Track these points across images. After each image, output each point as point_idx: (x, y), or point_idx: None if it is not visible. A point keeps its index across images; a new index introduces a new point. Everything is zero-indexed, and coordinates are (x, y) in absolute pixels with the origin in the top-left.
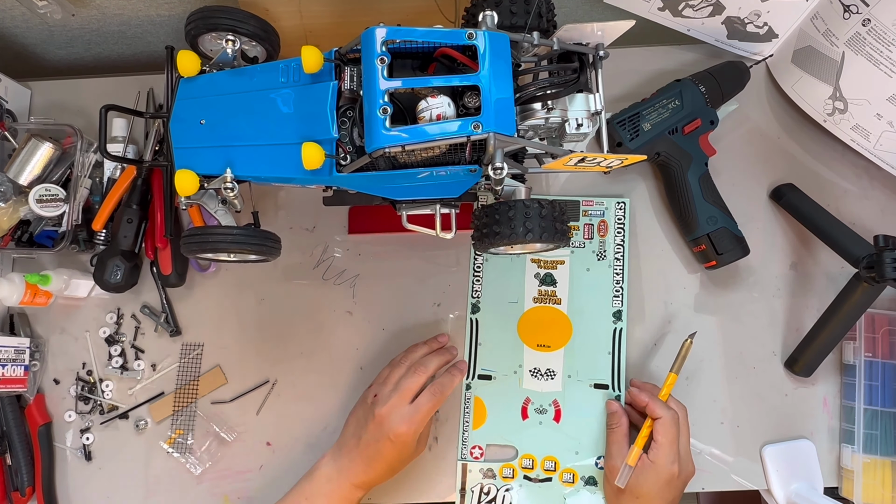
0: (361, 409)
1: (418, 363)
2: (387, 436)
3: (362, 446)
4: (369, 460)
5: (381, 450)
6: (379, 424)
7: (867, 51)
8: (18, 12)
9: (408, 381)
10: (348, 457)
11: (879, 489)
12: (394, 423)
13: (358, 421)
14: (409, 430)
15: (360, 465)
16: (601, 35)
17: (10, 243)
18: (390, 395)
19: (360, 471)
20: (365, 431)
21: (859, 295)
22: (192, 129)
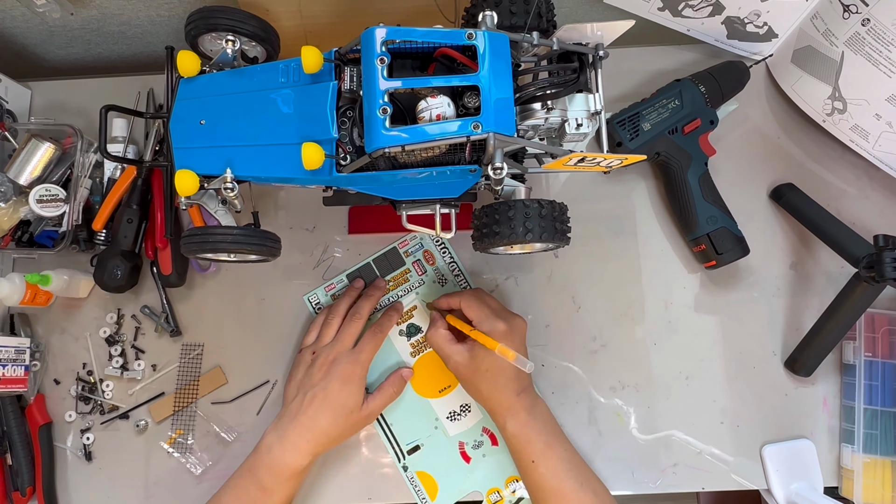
0: (301, 369)
1: (352, 311)
2: (334, 377)
3: (307, 401)
4: (314, 413)
5: (329, 395)
6: (327, 370)
7: (867, 51)
8: (18, 12)
9: (347, 329)
10: (290, 420)
11: (879, 489)
12: (340, 365)
13: (300, 382)
14: (355, 370)
15: (303, 422)
16: (601, 35)
17: (10, 243)
18: (332, 345)
19: (302, 431)
20: (310, 384)
21: (859, 295)
22: (192, 130)
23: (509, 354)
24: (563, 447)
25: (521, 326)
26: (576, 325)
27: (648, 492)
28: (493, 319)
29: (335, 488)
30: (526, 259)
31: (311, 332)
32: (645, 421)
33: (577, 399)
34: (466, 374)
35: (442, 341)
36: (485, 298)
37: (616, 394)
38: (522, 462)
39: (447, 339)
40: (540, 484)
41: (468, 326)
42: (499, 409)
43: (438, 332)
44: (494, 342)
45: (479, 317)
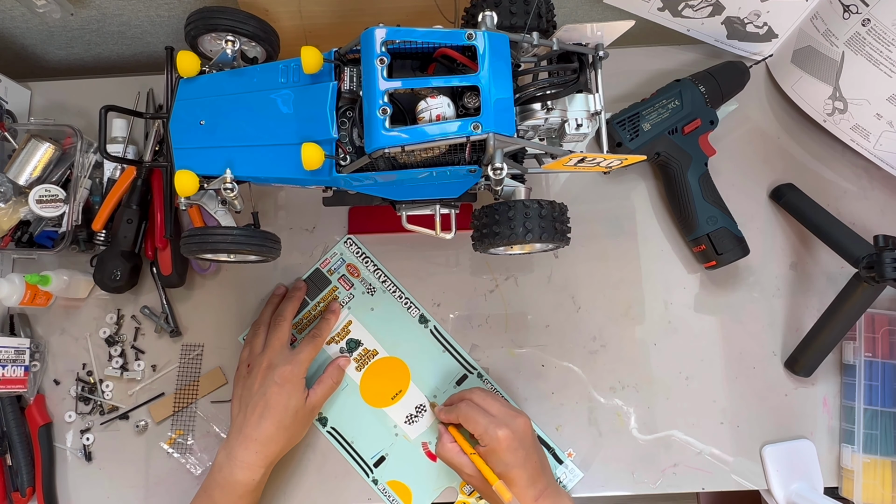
0: (240, 384)
1: (275, 316)
2: (273, 381)
3: (249, 411)
4: (258, 422)
5: (269, 400)
6: (262, 379)
7: (867, 51)
8: (18, 12)
9: (275, 333)
10: (236, 436)
11: (879, 489)
12: (275, 368)
13: (240, 397)
14: (293, 370)
15: (249, 436)
16: (601, 35)
17: (10, 244)
18: (264, 353)
19: (250, 443)
20: (249, 395)
21: (859, 295)
22: (192, 130)
23: (506, 496)
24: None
25: (524, 427)
26: (576, 325)
27: (648, 492)
28: (495, 428)
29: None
30: (526, 259)
31: (244, 348)
32: (645, 421)
33: (577, 399)
34: (481, 487)
35: (450, 455)
36: (484, 403)
37: (616, 394)
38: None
39: (455, 452)
40: None
41: (469, 447)
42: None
43: (445, 447)
44: (494, 477)
45: (479, 430)
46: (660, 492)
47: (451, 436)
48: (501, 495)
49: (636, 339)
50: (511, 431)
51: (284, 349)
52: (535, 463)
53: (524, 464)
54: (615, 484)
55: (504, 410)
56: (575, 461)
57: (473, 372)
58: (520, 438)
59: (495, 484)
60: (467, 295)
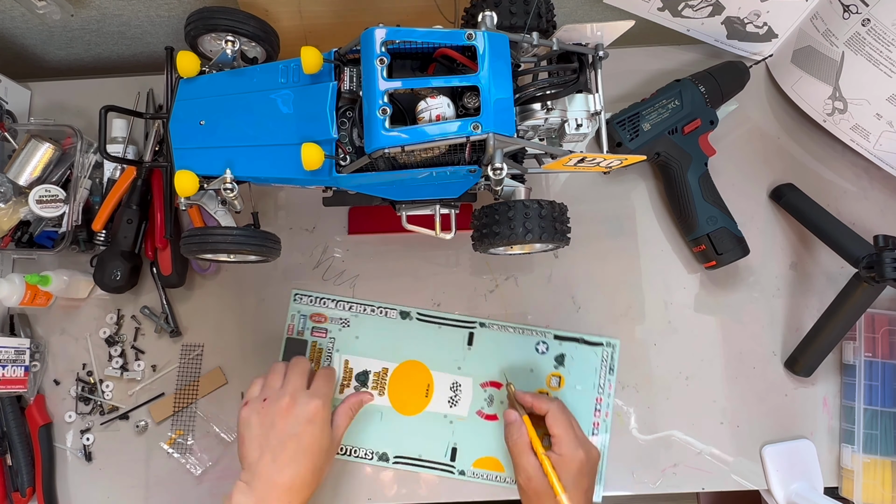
0: (255, 422)
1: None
2: (303, 419)
3: (278, 453)
4: (292, 465)
5: (302, 440)
6: (287, 413)
7: (867, 51)
8: (18, 13)
9: (294, 370)
10: (266, 483)
11: (879, 489)
12: (302, 405)
13: (258, 437)
14: (322, 405)
15: (283, 482)
16: (600, 35)
17: (10, 244)
18: (285, 387)
19: (283, 492)
20: (274, 435)
21: (859, 295)
22: (192, 130)
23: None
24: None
25: (597, 459)
26: (576, 325)
27: (648, 492)
28: (576, 446)
29: (333, 489)
30: (526, 259)
31: (253, 386)
32: (645, 421)
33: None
34: (535, 492)
35: (521, 449)
36: (571, 419)
37: (616, 394)
38: None
39: (527, 450)
40: None
41: (542, 450)
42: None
43: (522, 439)
44: (561, 489)
45: (562, 437)
46: (660, 492)
47: (526, 427)
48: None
49: (636, 339)
50: (587, 456)
51: (306, 383)
52: (589, 498)
53: (585, 493)
54: (615, 484)
55: (583, 434)
56: None
57: (475, 325)
58: (591, 467)
59: (560, 496)
60: (467, 295)
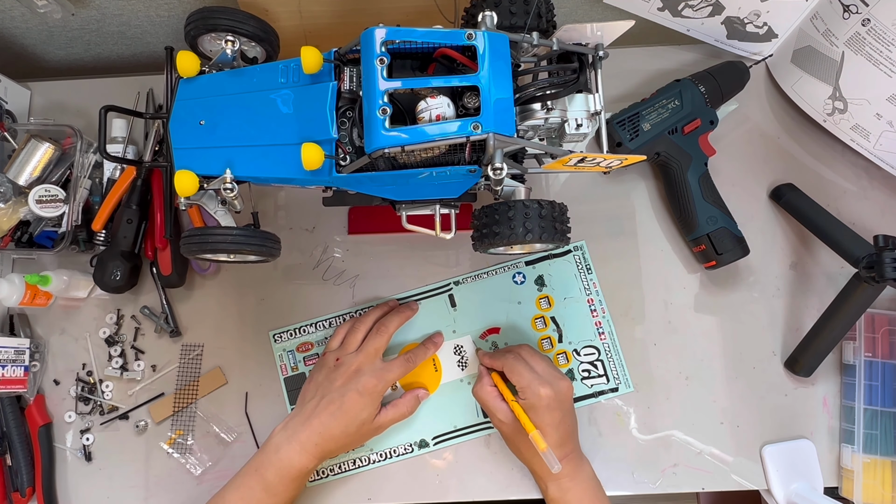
0: (323, 373)
1: (379, 323)
2: (355, 387)
3: (323, 405)
4: (328, 419)
5: (345, 403)
6: (348, 378)
7: (867, 51)
8: (18, 12)
9: (373, 342)
10: (301, 422)
11: (879, 489)
12: (364, 376)
13: (319, 384)
14: (377, 385)
15: (315, 426)
16: (600, 35)
17: (9, 244)
18: (357, 355)
19: (313, 433)
20: (330, 388)
21: (859, 295)
22: (192, 130)
23: (541, 445)
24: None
25: (566, 391)
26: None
27: (648, 492)
28: (538, 385)
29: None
30: None
31: (335, 337)
32: (645, 421)
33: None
34: (509, 434)
35: (487, 397)
36: (531, 360)
37: (616, 394)
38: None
39: (493, 396)
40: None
41: (510, 394)
42: (540, 473)
43: (484, 388)
44: (531, 426)
45: (522, 383)
46: (660, 492)
47: (492, 380)
48: (536, 444)
49: (636, 339)
50: (553, 391)
51: (377, 359)
52: (568, 426)
53: (558, 425)
54: (615, 484)
55: (549, 370)
56: None
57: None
58: (560, 400)
59: (532, 433)
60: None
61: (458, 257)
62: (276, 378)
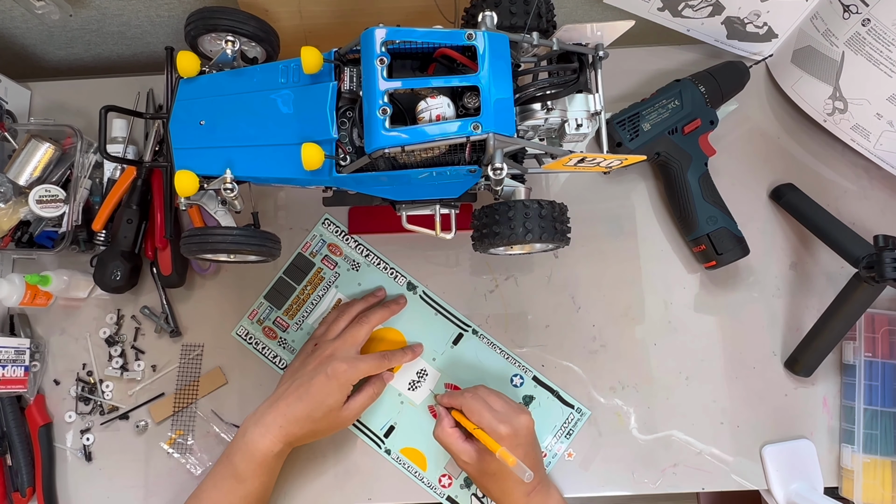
0: (300, 358)
1: (361, 315)
2: (324, 371)
3: (293, 388)
4: (293, 401)
5: (312, 386)
6: (321, 362)
7: (867, 51)
8: (18, 13)
9: (352, 330)
10: (269, 404)
11: (879, 489)
12: (335, 361)
13: (295, 369)
14: (347, 371)
15: (280, 407)
16: (600, 35)
17: (10, 244)
18: (334, 341)
19: (277, 415)
20: (301, 373)
21: (859, 295)
22: (192, 130)
23: (509, 460)
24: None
25: (527, 426)
26: (576, 325)
27: (648, 492)
28: (496, 423)
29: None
30: (526, 259)
31: (321, 326)
32: (645, 421)
33: (577, 399)
34: (475, 475)
35: (449, 440)
36: (488, 399)
37: (616, 394)
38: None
39: (455, 438)
40: None
41: (472, 425)
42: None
43: (445, 430)
44: (496, 445)
45: (482, 423)
46: (660, 492)
47: (452, 420)
48: (504, 459)
49: (636, 339)
50: (512, 429)
51: (352, 349)
52: (532, 459)
53: (522, 459)
54: (615, 484)
55: (507, 407)
56: (575, 461)
57: (468, 329)
58: (521, 435)
59: (498, 451)
60: (467, 295)
61: (458, 257)
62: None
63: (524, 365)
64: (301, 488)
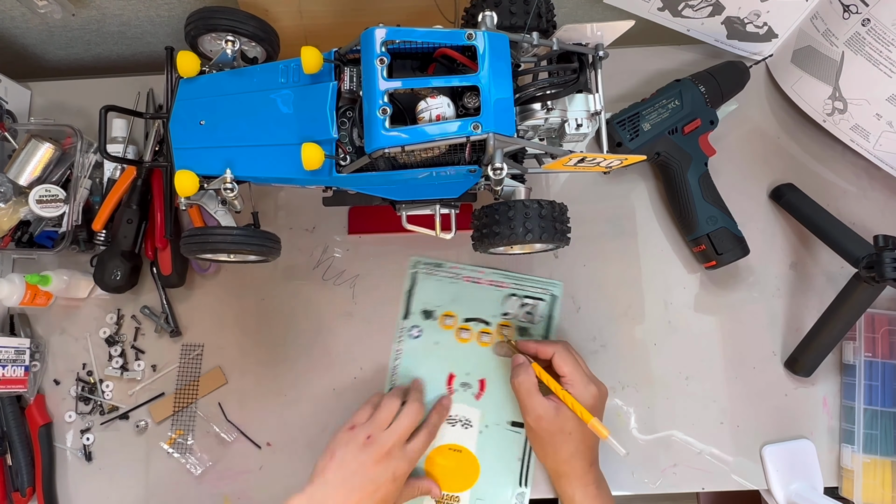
0: (351, 450)
1: (414, 397)
2: (392, 475)
3: (353, 486)
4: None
5: (380, 489)
6: (378, 465)
7: (867, 51)
8: (18, 12)
9: (407, 419)
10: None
11: (879, 489)
12: (396, 462)
13: (346, 463)
14: (408, 470)
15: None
16: (600, 35)
17: (10, 244)
18: (390, 434)
19: None
20: (359, 472)
21: (859, 295)
22: (192, 130)
23: (603, 433)
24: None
25: (606, 394)
26: (576, 325)
27: (648, 492)
28: (587, 382)
29: None
30: (526, 259)
31: (363, 411)
32: (645, 421)
33: None
34: (547, 432)
35: (529, 391)
36: (578, 358)
37: (616, 394)
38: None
39: (534, 390)
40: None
41: (558, 385)
42: (571, 476)
43: (528, 379)
44: (589, 415)
45: (572, 376)
46: (660, 492)
47: (534, 370)
48: (599, 432)
49: (636, 339)
50: (599, 392)
51: (403, 440)
52: None
53: None
54: (615, 484)
55: (591, 373)
56: None
57: None
58: (603, 401)
59: (591, 421)
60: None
61: (458, 257)
62: (277, 377)
63: None
64: None
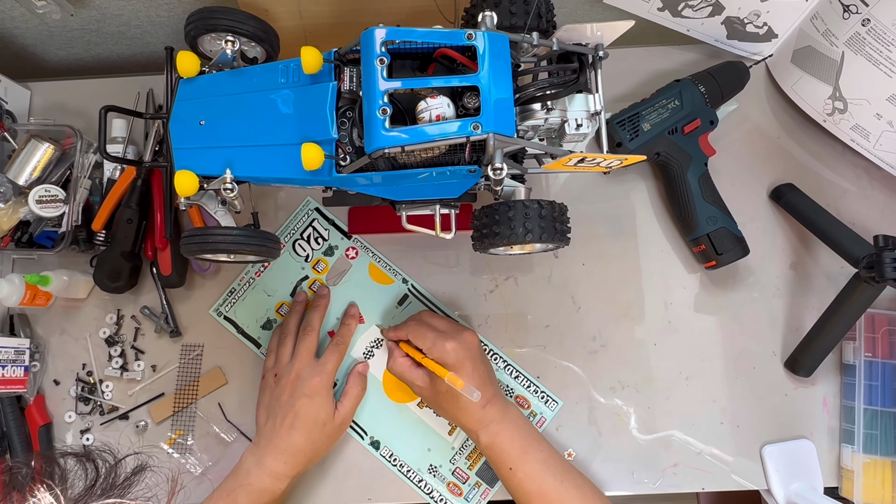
0: (267, 393)
1: (303, 326)
2: (302, 393)
3: (279, 421)
4: (287, 434)
5: (299, 412)
6: (291, 390)
7: (867, 51)
8: (18, 13)
9: (302, 345)
10: (266, 444)
11: (879, 489)
12: (304, 380)
13: (267, 406)
14: (321, 381)
15: (278, 446)
16: (600, 35)
17: (9, 244)
18: (292, 363)
19: (279, 454)
20: (278, 406)
21: (859, 295)
22: (192, 130)
23: (458, 383)
24: (538, 448)
25: (471, 340)
26: (576, 325)
27: (648, 492)
28: (441, 342)
29: (335, 488)
30: (526, 259)
31: (269, 356)
32: (645, 421)
33: (577, 399)
34: (430, 398)
35: (402, 369)
36: (430, 321)
37: (616, 394)
38: (501, 471)
39: (407, 366)
40: (520, 488)
41: (419, 354)
42: (468, 425)
43: (397, 361)
44: (444, 370)
45: (427, 344)
46: (660, 492)
47: (402, 351)
48: (453, 383)
49: (636, 339)
50: (458, 343)
51: (312, 360)
52: (483, 373)
53: (471, 374)
54: (615, 484)
55: (450, 326)
56: (574, 461)
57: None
58: (466, 348)
59: (446, 375)
60: (467, 295)
61: (458, 257)
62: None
63: None
64: (301, 491)
